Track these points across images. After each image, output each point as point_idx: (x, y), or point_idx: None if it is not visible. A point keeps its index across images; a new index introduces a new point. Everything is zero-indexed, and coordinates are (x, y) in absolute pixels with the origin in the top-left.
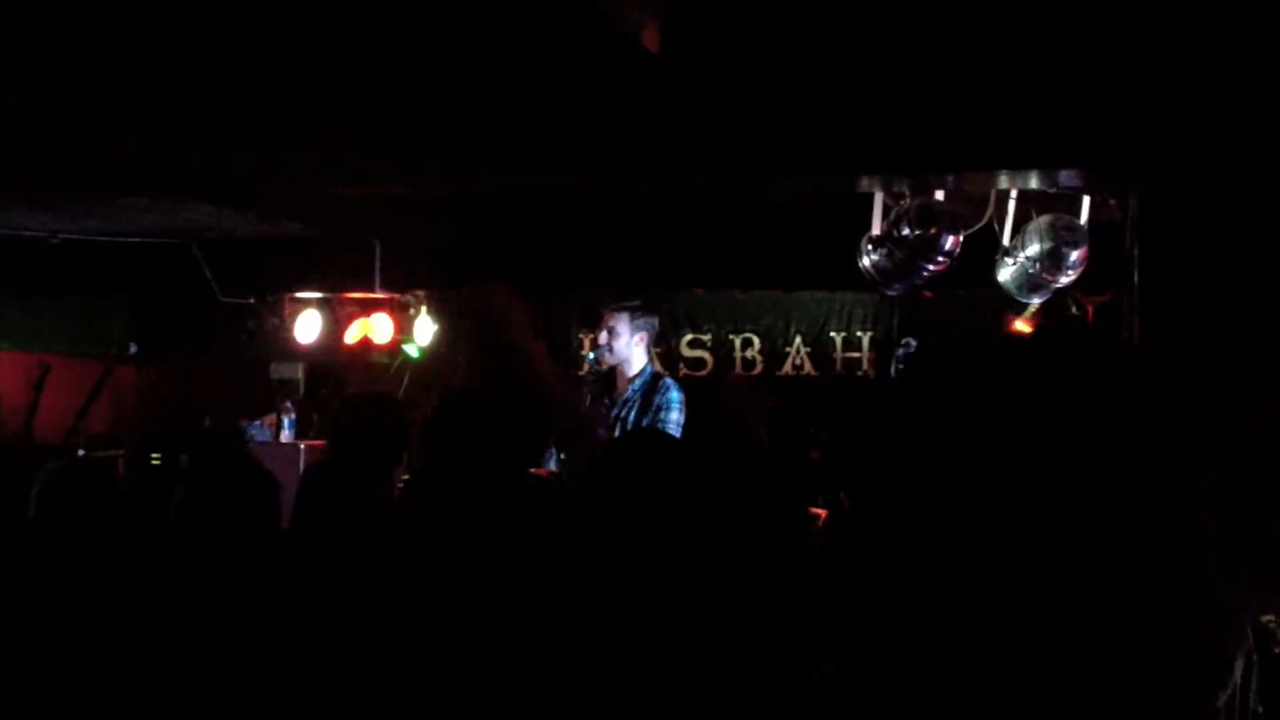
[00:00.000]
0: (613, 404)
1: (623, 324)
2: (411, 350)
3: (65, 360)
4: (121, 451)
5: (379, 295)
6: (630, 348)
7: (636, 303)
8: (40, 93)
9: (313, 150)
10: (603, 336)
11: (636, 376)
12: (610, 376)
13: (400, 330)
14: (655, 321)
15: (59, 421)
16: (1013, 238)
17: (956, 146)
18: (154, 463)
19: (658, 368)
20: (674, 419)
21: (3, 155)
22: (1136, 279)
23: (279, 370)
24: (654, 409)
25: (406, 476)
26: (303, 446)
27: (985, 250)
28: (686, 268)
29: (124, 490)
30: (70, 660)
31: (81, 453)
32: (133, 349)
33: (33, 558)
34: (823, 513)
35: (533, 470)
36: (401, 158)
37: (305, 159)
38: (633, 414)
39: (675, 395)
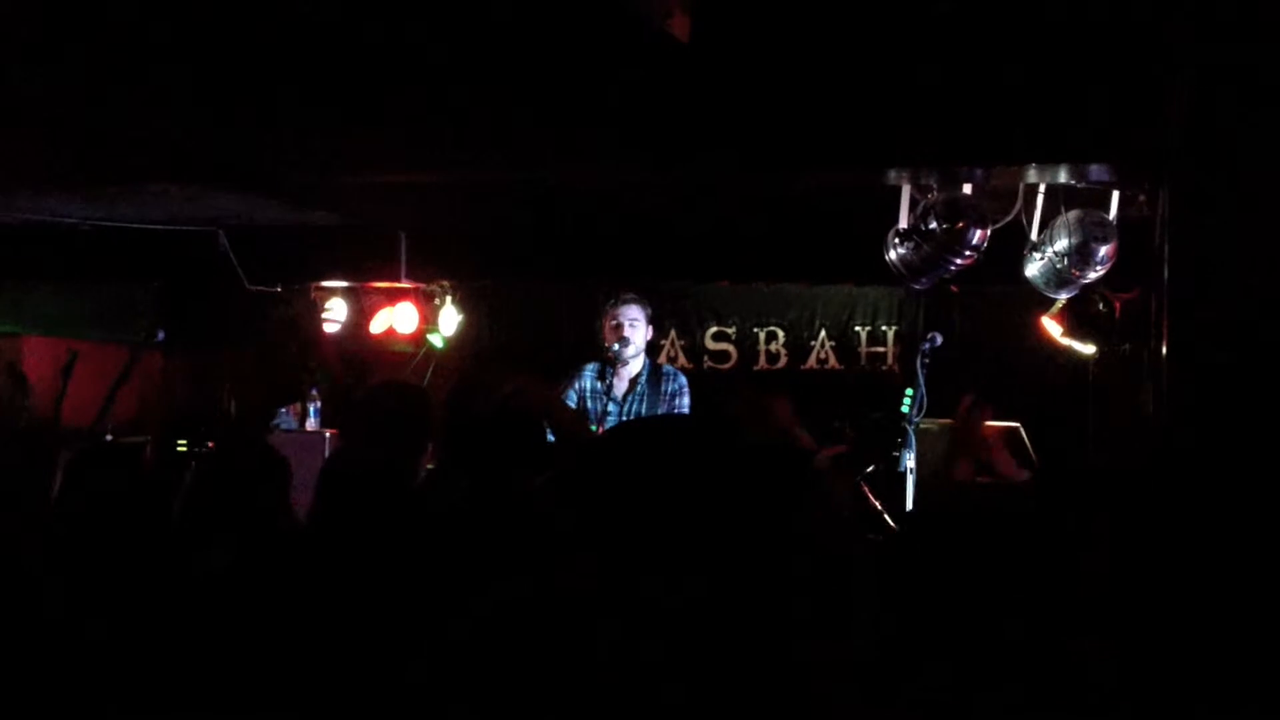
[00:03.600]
0: (619, 400)
1: (642, 315)
2: (436, 340)
3: (93, 346)
4: (148, 438)
5: (404, 285)
6: (644, 338)
7: (634, 294)
8: (69, 81)
9: (340, 139)
10: (626, 329)
11: (640, 373)
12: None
13: (425, 320)
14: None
15: (87, 407)
16: (1041, 232)
17: (985, 140)
18: (179, 449)
19: (658, 360)
20: (688, 404)
21: (34, 143)
22: (1166, 276)
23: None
24: (668, 397)
25: (430, 467)
26: (328, 434)
27: (1013, 245)
28: (711, 260)
29: (148, 475)
30: (91, 641)
31: (109, 437)
32: (160, 336)
33: (58, 539)
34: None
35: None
36: (428, 147)
37: (332, 147)
38: (644, 406)
39: (685, 381)
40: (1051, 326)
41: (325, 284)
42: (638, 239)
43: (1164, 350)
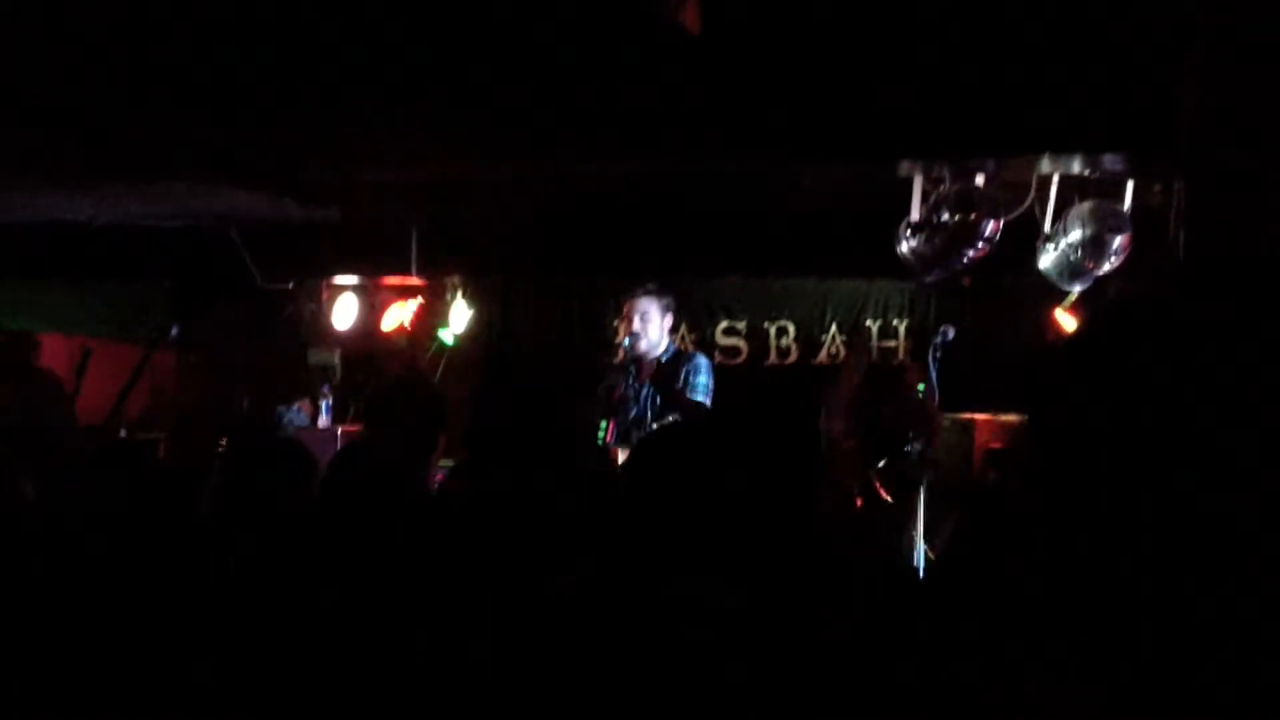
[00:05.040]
0: (640, 385)
1: (654, 308)
2: (447, 336)
3: (106, 344)
4: (161, 434)
5: (415, 281)
6: (662, 331)
7: (654, 285)
8: (78, 77)
9: (350, 135)
10: (636, 324)
11: (661, 356)
12: (638, 361)
13: (436, 316)
14: (673, 300)
15: (100, 405)
16: (1054, 224)
17: (997, 130)
18: (192, 447)
19: (679, 345)
20: (703, 383)
21: (41, 139)
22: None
23: (316, 355)
24: (682, 376)
25: (449, 462)
26: (339, 431)
27: (1026, 237)
28: (722, 255)
29: (162, 472)
30: (106, 638)
31: (123, 434)
32: (173, 333)
33: (73, 537)
34: (859, 500)
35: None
36: (438, 142)
37: (342, 143)
38: (659, 392)
39: (703, 361)
40: (1065, 319)
41: (336, 280)
42: (649, 233)
43: None
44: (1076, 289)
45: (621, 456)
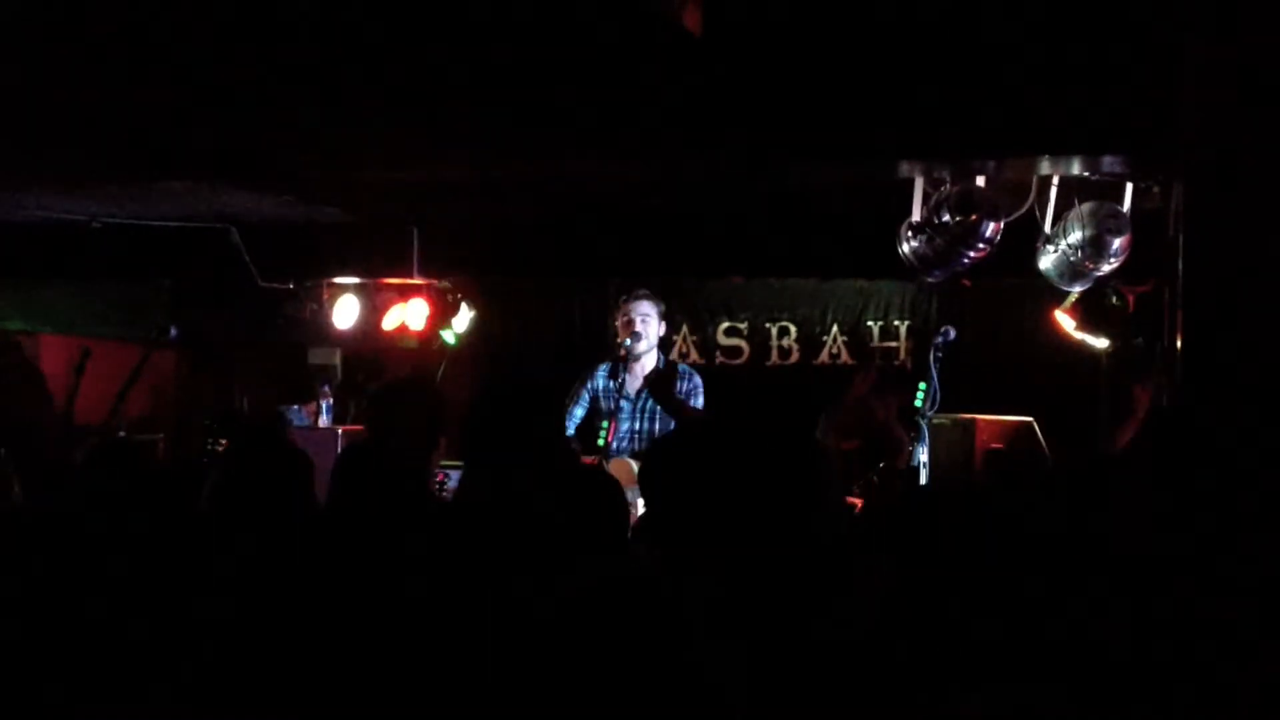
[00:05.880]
0: (631, 397)
1: (654, 312)
2: (449, 337)
3: (105, 344)
4: (160, 435)
5: (417, 281)
6: (657, 336)
7: (652, 291)
8: (77, 77)
9: (351, 134)
10: (638, 324)
11: (654, 364)
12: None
13: (437, 316)
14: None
15: (99, 405)
16: (1054, 225)
17: (998, 132)
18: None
19: (680, 347)
20: (701, 404)
21: (41, 139)
22: (1180, 268)
23: (316, 356)
24: (683, 396)
25: (458, 463)
26: (340, 431)
27: (1026, 238)
28: (723, 256)
29: (161, 472)
30: (103, 637)
31: (122, 434)
32: (172, 333)
33: (71, 536)
34: (858, 502)
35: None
36: (440, 142)
37: (342, 143)
38: (653, 401)
39: (699, 381)
40: (1065, 320)
41: (337, 280)
42: (650, 234)
43: (1178, 343)
44: (1076, 290)
45: (620, 464)
